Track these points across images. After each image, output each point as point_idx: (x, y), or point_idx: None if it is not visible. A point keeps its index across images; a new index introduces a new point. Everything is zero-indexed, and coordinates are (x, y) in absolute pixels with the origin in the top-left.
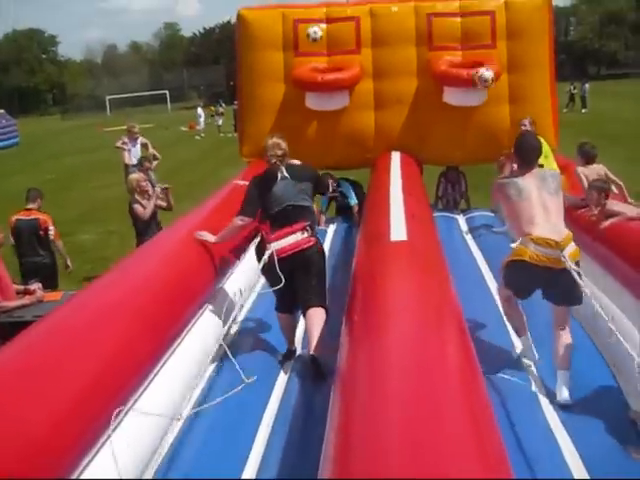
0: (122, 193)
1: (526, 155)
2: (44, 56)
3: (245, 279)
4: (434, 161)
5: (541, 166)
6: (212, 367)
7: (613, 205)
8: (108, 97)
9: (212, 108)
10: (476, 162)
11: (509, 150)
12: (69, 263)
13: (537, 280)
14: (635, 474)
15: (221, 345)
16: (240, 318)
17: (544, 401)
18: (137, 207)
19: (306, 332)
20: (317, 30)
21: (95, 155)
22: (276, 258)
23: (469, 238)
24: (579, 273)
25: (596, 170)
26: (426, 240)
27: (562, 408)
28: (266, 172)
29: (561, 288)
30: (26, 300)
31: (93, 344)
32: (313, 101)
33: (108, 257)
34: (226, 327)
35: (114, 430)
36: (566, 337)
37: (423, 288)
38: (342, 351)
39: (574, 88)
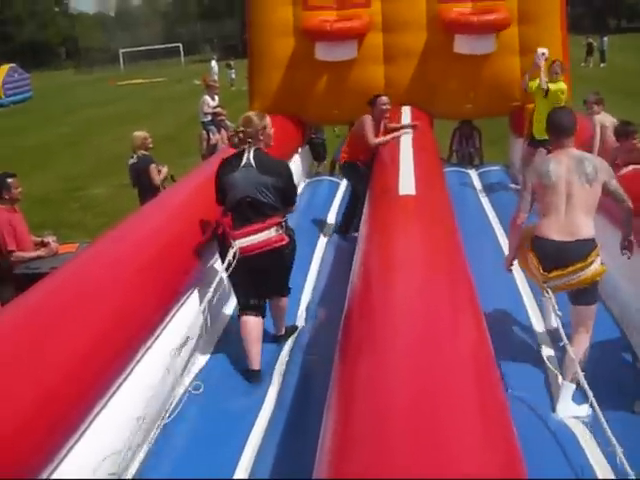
0: None
1: (554, 133)
2: (56, 9)
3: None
4: (445, 115)
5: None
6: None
7: None
8: (121, 50)
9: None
10: (486, 115)
11: None
12: None
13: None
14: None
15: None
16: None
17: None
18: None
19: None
20: None
21: (108, 109)
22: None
23: (482, 194)
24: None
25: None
26: (435, 195)
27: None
28: (233, 154)
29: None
30: (42, 252)
31: (101, 299)
32: (322, 51)
33: (123, 209)
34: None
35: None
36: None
37: (430, 242)
38: (348, 305)
39: (591, 41)
